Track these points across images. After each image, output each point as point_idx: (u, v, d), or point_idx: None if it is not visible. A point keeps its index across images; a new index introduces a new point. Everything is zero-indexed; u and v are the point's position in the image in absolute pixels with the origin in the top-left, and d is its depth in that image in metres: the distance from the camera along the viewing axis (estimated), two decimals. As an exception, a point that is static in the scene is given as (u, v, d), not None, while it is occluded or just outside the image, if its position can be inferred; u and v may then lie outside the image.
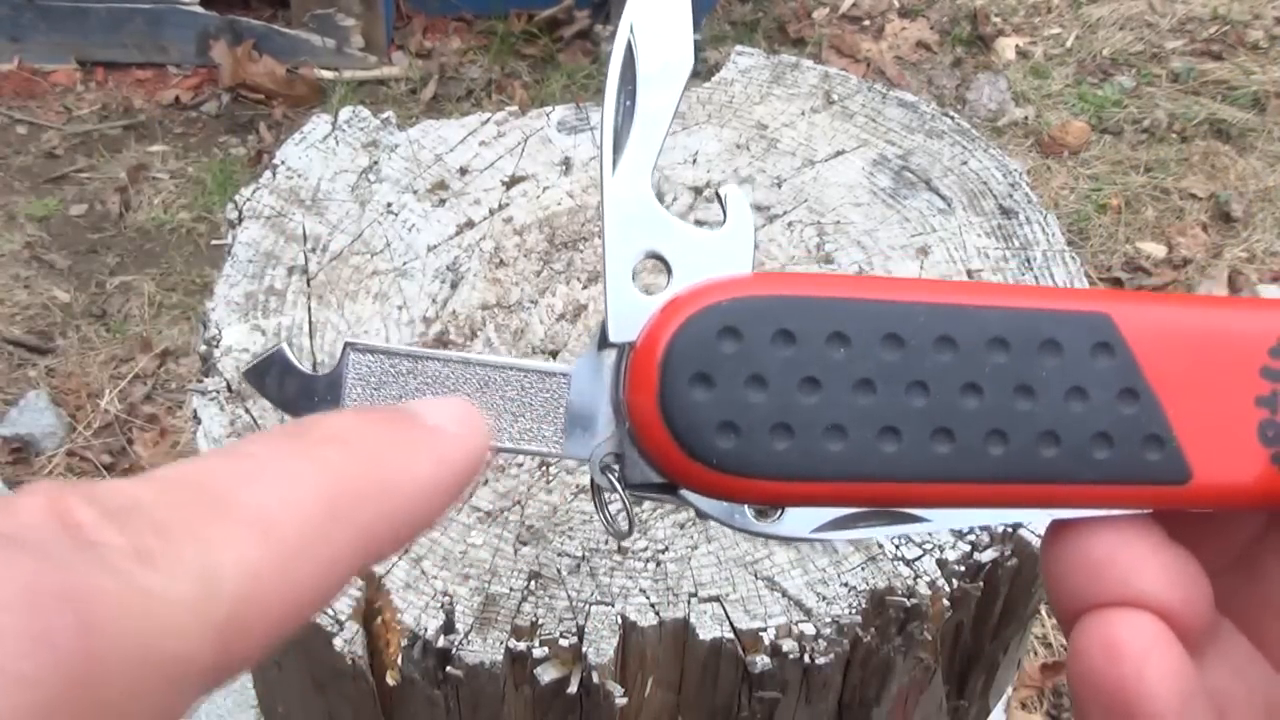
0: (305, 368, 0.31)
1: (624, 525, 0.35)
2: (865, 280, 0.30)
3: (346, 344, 0.31)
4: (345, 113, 0.80)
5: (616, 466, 0.32)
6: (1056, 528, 0.30)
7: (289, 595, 0.22)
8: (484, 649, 0.53)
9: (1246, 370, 0.30)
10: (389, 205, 0.74)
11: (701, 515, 0.32)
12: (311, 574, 0.22)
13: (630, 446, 0.31)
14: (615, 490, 0.32)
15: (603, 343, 0.31)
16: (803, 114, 0.82)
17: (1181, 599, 0.28)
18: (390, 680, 0.54)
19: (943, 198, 0.76)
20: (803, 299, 0.29)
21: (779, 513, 0.32)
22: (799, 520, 0.32)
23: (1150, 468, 0.30)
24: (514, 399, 0.32)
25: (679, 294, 0.30)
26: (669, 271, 0.30)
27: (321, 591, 0.23)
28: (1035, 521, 0.45)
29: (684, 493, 0.31)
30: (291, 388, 0.31)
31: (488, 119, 0.80)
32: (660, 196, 0.76)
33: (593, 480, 0.32)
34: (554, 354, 0.64)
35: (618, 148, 0.30)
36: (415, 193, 0.75)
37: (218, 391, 0.63)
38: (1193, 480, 0.30)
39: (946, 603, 0.57)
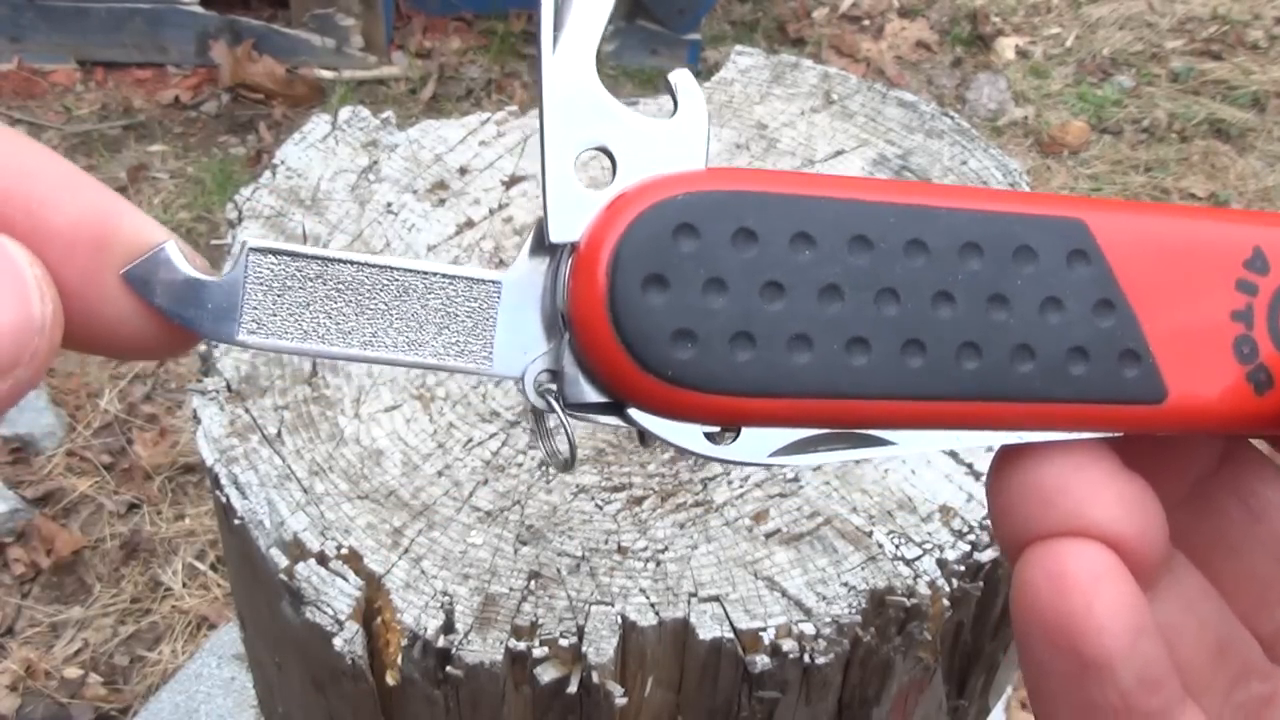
0: (196, 270, 0.27)
1: (566, 452, 0.32)
2: (831, 178, 0.28)
3: (245, 243, 0.27)
4: (345, 112, 0.80)
5: (554, 385, 0.29)
6: (1005, 454, 0.29)
7: None
8: (484, 649, 0.53)
9: (1222, 283, 0.29)
10: (389, 205, 0.74)
11: (646, 439, 0.29)
12: None
13: (570, 361, 0.28)
14: (553, 411, 0.29)
15: (539, 245, 0.28)
16: (802, 114, 0.82)
17: (1135, 530, 0.27)
18: (390, 680, 0.54)
19: (942, 197, 0.76)
20: (764, 195, 0.27)
21: (734, 434, 0.29)
22: (756, 443, 0.29)
23: (1126, 385, 0.28)
24: (438, 309, 0.28)
25: (627, 189, 0.27)
26: (614, 165, 0.28)
27: None
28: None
29: (631, 412, 0.28)
30: (181, 292, 0.26)
31: (487, 119, 0.80)
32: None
33: (530, 404, 0.29)
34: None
35: (558, 24, 0.27)
36: (415, 192, 0.75)
37: (217, 391, 0.63)
38: (1168, 399, 0.28)
39: (946, 603, 0.57)
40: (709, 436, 0.29)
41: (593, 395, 0.28)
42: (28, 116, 2.52)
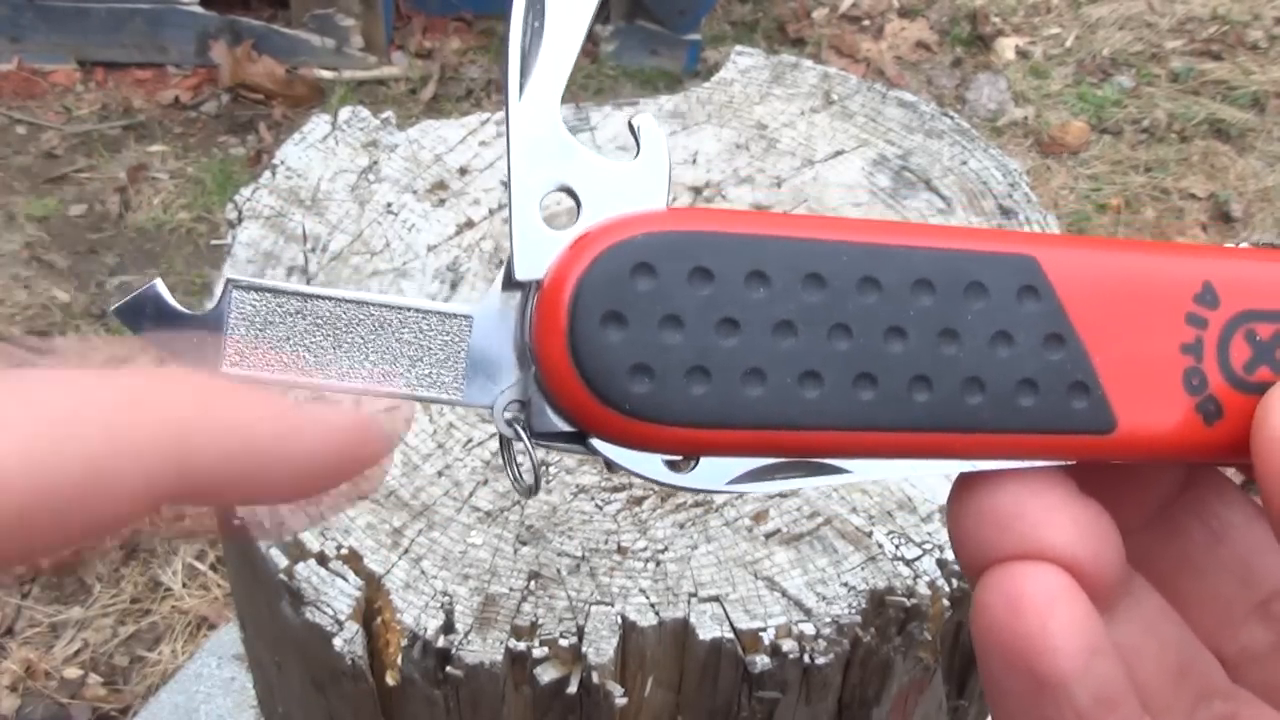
0: (182, 306, 0.28)
1: (530, 479, 0.33)
2: (786, 217, 0.29)
3: (228, 280, 0.29)
4: (345, 113, 0.80)
5: (522, 415, 0.30)
6: (964, 480, 0.30)
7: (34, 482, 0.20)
8: (484, 649, 0.53)
9: (1172, 317, 0.29)
10: (389, 205, 0.74)
11: (610, 466, 0.30)
12: (75, 466, 0.20)
13: (536, 393, 0.29)
14: (520, 440, 0.30)
15: (508, 282, 0.29)
16: (802, 114, 0.82)
17: (1091, 552, 0.28)
18: (390, 680, 0.54)
19: (942, 198, 0.76)
20: (721, 235, 0.28)
21: (693, 463, 0.30)
22: (714, 471, 0.30)
23: (1075, 416, 0.29)
24: (411, 342, 0.30)
25: (589, 229, 0.28)
26: (579, 205, 0.29)
27: (85, 496, 0.21)
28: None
29: (593, 442, 0.29)
30: (168, 329, 0.28)
31: (487, 119, 0.80)
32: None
33: (499, 432, 0.30)
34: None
35: (524, 71, 0.28)
36: (415, 192, 0.75)
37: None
38: (1117, 430, 0.29)
39: (946, 603, 0.57)
40: (669, 465, 0.30)
41: (558, 425, 0.29)
42: (28, 116, 2.52)
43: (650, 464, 0.30)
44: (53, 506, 0.20)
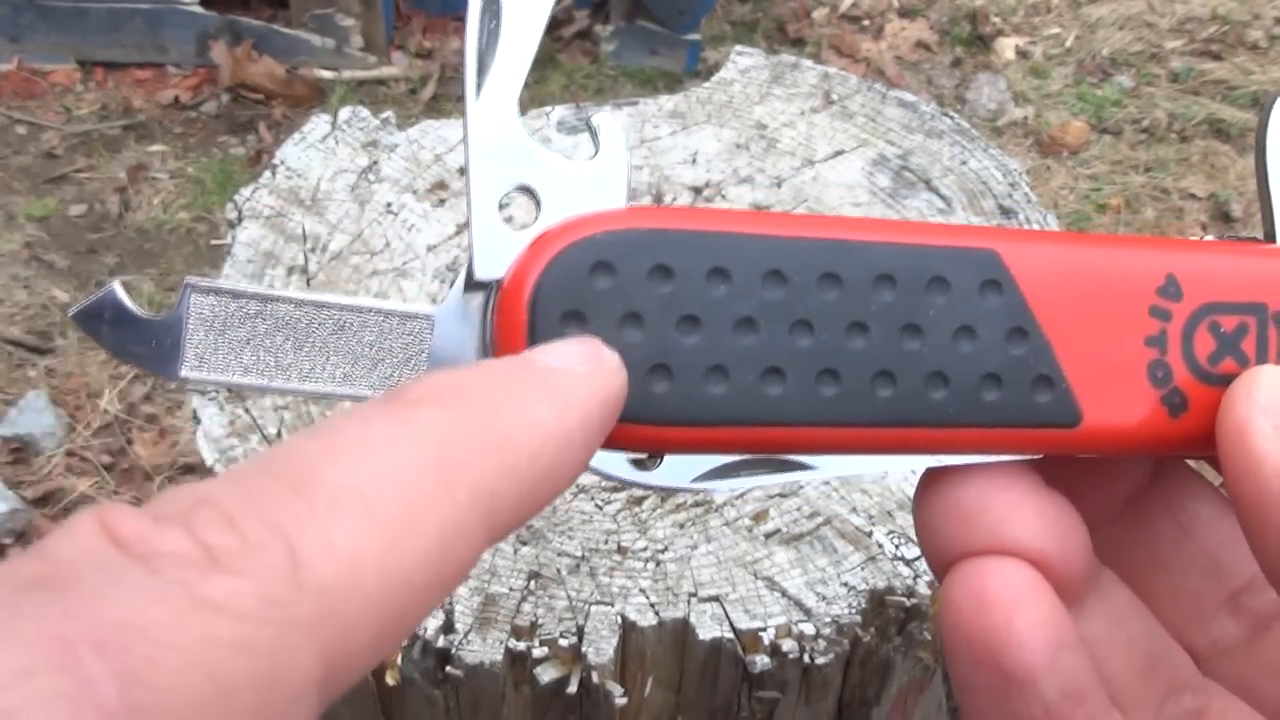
0: (140, 310, 0.28)
1: None
2: (746, 214, 0.29)
3: (186, 283, 0.29)
4: (345, 113, 0.80)
5: None
6: (929, 476, 0.30)
7: (399, 580, 0.19)
8: (484, 649, 0.53)
9: (1136, 310, 0.30)
10: (388, 205, 0.74)
11: None
12: (427, 551, 0.19)
13: None
14: None
15: (469, 283, 0.29)
16: (802, 114, 0.82)
17: (1056, 547, 0.28)
18: (390, 680, 0.54)
19: (942, 197, 0.76)
20: (680, 232, 0.28)
21: (658, 460, 0.30)
22: (678, 468, 0.30)
23: (1040, 410, 0.29)
24: (372, 344, 0.29)
25: (549, 228, 0.28)
26: (538, 205, 0.29)
27: (443, 571, 0.20)
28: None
29: None
30: (126, 332, 0.28)
31: (487, 119, 0.80)
32: (659, 196, 0.76)
33: None
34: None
35: (482, 71, 0.28)
36: (415, 193, 0.75)
37: (217, 392, 0.63)
38: (1083, 423, 0.29)
39: (946, 602, 0.57)
40: (634, 463, 0.30)
41: None
42: (27, 116, 2.52)
43: (615, 462, 0.30)
44: (402, 614, 0.19)
